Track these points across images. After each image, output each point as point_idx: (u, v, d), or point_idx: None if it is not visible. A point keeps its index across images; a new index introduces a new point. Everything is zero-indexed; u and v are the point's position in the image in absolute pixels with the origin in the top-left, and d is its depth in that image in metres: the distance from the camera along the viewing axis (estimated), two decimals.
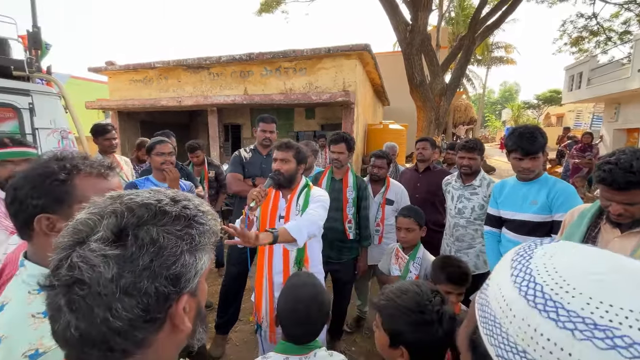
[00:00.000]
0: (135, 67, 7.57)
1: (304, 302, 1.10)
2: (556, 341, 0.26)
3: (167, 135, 2.83)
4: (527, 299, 0.28)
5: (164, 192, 0.48)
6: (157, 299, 0.42)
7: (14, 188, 0.70)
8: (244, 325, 2.97)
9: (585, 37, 12.28)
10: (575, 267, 0.28)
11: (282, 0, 11.04)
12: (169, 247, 0.43)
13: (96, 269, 0.39)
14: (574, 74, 10.58)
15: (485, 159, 13.21)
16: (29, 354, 0.59)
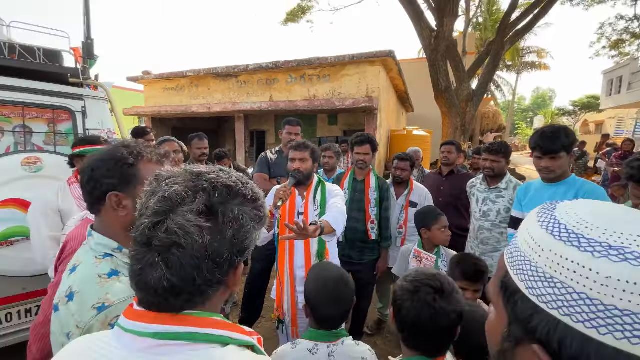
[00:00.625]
0: (169, 76, 8.05)
1: (332, 279, 1.16)
2: (579, 262, 0.31)
3: (200, 137, 3.02)
4: (553, 235, 0.34)
5: (234, 174, 0.56)
6: (229, 265, 0.51)
7: (91, 169, 0.82)
8: (266, 322, 3.05)
9: (626, 40, 11.59)
10: (593, 211, 0.34)
11: (308, 10, 11.34)
12: (245, 224, 0.52)
13: (192, 236, 0.48)
14: (612, 78, 10.00)
15: (515, 167, 12.67)
16: (97, 306, 0.70)
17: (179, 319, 0.49)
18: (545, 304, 0.33)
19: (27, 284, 2.03)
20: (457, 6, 7.84)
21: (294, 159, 1.91)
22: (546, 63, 24.24)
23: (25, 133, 2.19)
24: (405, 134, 8.01)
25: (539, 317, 0.34)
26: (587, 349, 0.30)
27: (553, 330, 0.32)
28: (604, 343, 0.29)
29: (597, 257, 0.31)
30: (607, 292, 0.30)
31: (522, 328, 0.35)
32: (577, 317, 0.31)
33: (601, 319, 0.29)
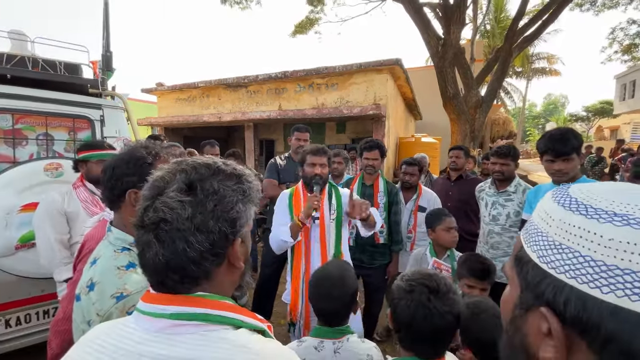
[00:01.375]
0: (181, 87, 8.30)
1: (329, 278, 1.17)
2: (585, 227, 0.34)
3: (212, 144, 3.13)
4: (564, 206, 0.37)
5: (216, 159, 0.60)
6: (220, 237, 0.53)
7: (112, 167, 0.88)
8: (275, 327, 3.04)
9: (638, 44, 11.42)
10: (603, 187, 0.38)
11: (316, 21, 11.58)
12: (227, 196, 0.54)
13: (175, 210, 0.51)
14: (626, 83, 9.82)
15: (527, 174, 12.46)
16: (116, 296, 0.75)
17: (193, 300, 0.52)
18: (554, 269, 0.36)
19: (46, 286, 2.11)
20: (464, 14, 7.90)
21: (314, 164, 1.87)
22: (557, 69, 23.94)
23: (48, 141, 2.30)
24: (413, 141, 8.01)
25: (547, 281, 0.36)
26: (590, 307, 0.32)
27: (560, 293, 0.35)
28: (606, 301, 0.31)
29: (602, 223, 0.33)
30: (609, 253, 0.32)
31: (533, 294, 0.38)
32: (582, 278, 0.33)
33: (604, 279, 0.32)
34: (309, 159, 1.90)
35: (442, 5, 8.05)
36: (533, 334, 0.38)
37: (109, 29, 2.72)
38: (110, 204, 0.90)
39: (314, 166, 1.87)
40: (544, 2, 9.09)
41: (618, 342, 0.31)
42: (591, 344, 0.33)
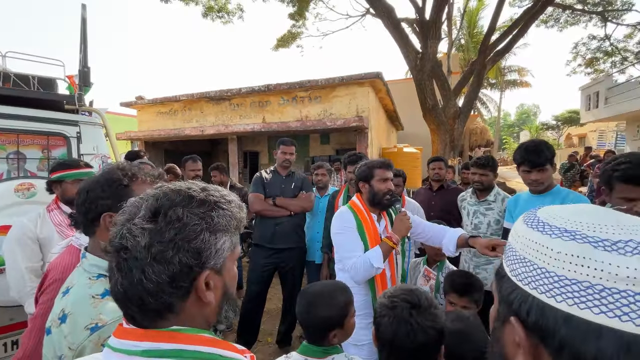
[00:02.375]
0: (162, 101, 8.17)
1: (313, 291, 1.16)
2: (540, 241, 0.38)
3: (194, 159, 3.06)
4: (526, 224, 0.41)
5: (198, 183, 0.58)
6: (182, 269, 0.50)
7: (86, 190, 0.85)
8: (262, 346, 2.97)
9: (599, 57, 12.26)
10: (566, 209, 0.42)
11: (298, 35, 11.78)
12: (191, 224, 0.51)
13: (136, 238, 0.49)
14: (590, 94, 10.49)
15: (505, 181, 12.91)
16: (90, 327, 0.71)
17: (167, 336, 0.49)
18: (520, 281, 0.39)
19: (16, 314, 1.97)
20: (439, 30, 8.25)
21: (387, 178, 1.67)
22: (527, 81, 25.31)
23: (19, 159, 2.19)
24: (396, 151, 8.16)
25: (515, 292, 0.39)
26: (547, 315, 0.35)
27: (524, 303, 0.37)
28: (560, 309, 0.34)
29: (553, 238, 0.37)
30: (559, 265, 0.35)
31: (506, 306, 0.41)
32: (541, 288, 0.36)
33: (557, 289, 0.35)
34: (379, 174, 1.67)
35: (419, 21, 8.41)
36: (509, 344, 0.40)
37: (86, 42, 2.66)
38: (85, 229, 0.87)
39: (386, 181, 1.66)
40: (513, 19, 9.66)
41: (570, 348, 0.33)
42: (549, 350, 0.35)
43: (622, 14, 10.40)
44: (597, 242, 0.34)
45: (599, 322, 0.32)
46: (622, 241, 0.33)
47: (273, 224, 2.64)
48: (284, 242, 2.63)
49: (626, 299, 0.31)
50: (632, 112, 8.49)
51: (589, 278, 0.33)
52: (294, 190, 2.74)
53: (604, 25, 10.93)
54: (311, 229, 2.98)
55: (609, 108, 9.39)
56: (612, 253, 0.33)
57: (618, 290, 0.32)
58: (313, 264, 2.93)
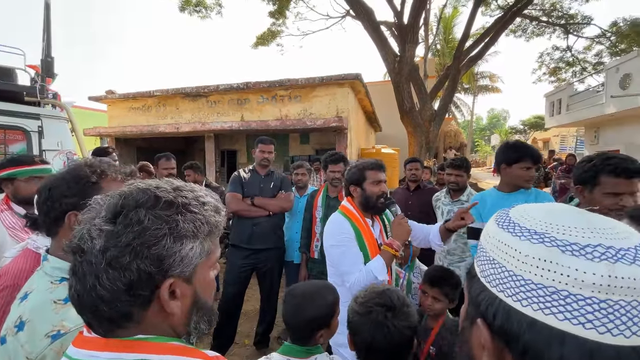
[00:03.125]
0: (135, 96, 7.82)
1: (298, 292, 1.15)
2: (509, 243, 0.37)
3: (167, 157, 2.95)
4: (498, 224, 0.40)
5: (172, 182, 0.53)
6: (140, 276, 0.45)
7: (48, 188, 0.78)
8: (239, 348, 2.91)
9: (562, 67, 13.11)
10: (538, 207, 0.41)
11: (277, 34, 11.67)
12: (152, 228, 0.46)
13: (93, 240, 0.46)
14: (553, 101, 11.19)
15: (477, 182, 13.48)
16: (52, 334, 0.66)
17: (131, 345, 0.46)
18: (489, 282, 0.38)
19: None
20: (417, 34, 8.48)
21: (380, 180, 1.57)
22: (498, 87, 26.58)
23: None
24: (374, 152, 8.30)
25: (483, 294, 0.38)
26: (512, 319, 0.34)
27: (491, 305, 0.37)
28: (525, 314, 0.33)
29: (522, 240, 0.36)
30: (526, 269, 0.34)
31: (474, 307, 0.40)
32: (507, 292, 0.36)
33: (523, 293, 0.34)
34: (372, 176, 1.56)
35: (398, 24, 8.60)
36: (476, 346, 0.39)
37: (50, 30, 2.48)
38: (47, 230, 0.80)
39: (379, 184, 1.56)
40: (485, 27, 10.11)
41: (533, 353, 0.32)
42: (514, 354, 0.34)
43: (582, 27, 11.17)
44: (565, 245, 0.33)
45: (563, 329, 0.31)
46: (591, 245, 0.33)
47: (251, 224, 2.59)
48: (262, 243, 2.59)
49: (591, 306, 0.31)
50: (590, 119, 9.15)
51: (554, 283, 0.32)
52: (272, 189, 2.70)
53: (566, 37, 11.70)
54: (290, 229, 2.96)
55: (570, 114, 10.07)
56: (580, 258, 0.32)
57: (583, 297, 0.31)
58: (292, 264, 2.91)
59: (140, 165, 3.58)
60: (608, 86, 8.19)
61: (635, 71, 7.21)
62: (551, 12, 10.74)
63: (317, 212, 2.62)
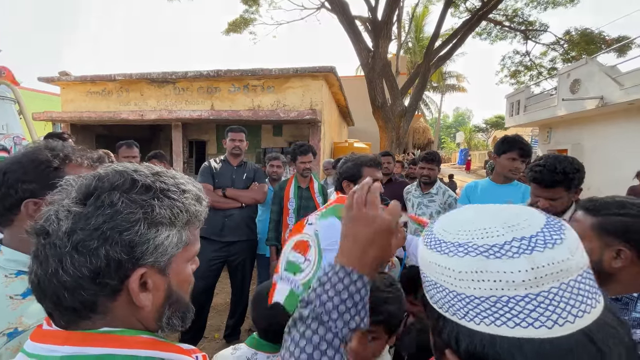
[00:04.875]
0: (93, 79, 7.23)
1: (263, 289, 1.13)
2: (442, 264, 0.36)
3: (129, 144, 2.76)
4: (426, 245, 0.39)
5: (152, 166, 0.50)
6: (108, 263, 0.42)
7: (3, 172, 0.70)
8: (209, 342, 2.85)
9: (521, 70, 14.02)
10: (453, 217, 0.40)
11: (250, 22, 11.32)
12: (125, 212, 0.43)
13: (60, 222, 0.42)
14: (513, 102, 11.97)
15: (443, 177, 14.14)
16: (7, 332, 0.60)
17: (95, 338, 0.43)
18: (440, 308, 0.36)
19: None
20: (390, 30, 8.62)
21: (378, 179, 1.46)
22: (464, 86, 27.90)
23: None
24: (347, 146, 8.38)
25: (441, 321, 0.36)
26: (474, 340, 0.32)
27: (451, 332, 0.35)
28: (481, 332, 0.32)
29: (451, 257, 0.35)
30: (464, 285, 0.33)
31: (438, 336, 0.38)
32: (459, 313, 0.34)
33: (471, 311, 0.33)
34: (368, 173, 1.48)
35: (372, 20, 8.68)
36: None
37: None
38: (1, 219, 0.72)
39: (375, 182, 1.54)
40: (454, 28, 10.52)
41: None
42: None
43: (540, 34, 11.99)
44: (487, 250, 0.33)
45: (517, 336, 0.30)
46: (507, 242, 0.32)
47: (222, 216, 2.52)
48: (234, 235, 2.54)
49: (530, 303, 0.30)
50: (543, 120, 9.91)
51: (492, 292, 0.32)
52: (245, 181, 2.64)
53: (525, 43, 12.50)
54: (263, 221, 2.91)
55: (527, 115, 10.84)
56: (502, 259, 0.32)
57: (521, 296, 0.31)
58: (264, 257, 2.88)
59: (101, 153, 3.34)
60: (560, 90, 8.90)
61: (584, 77, 7.89)
62: (513, 18, 11.40)
63: (290, 203, 2.60)
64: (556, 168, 1.33)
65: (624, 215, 0.86)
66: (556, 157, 1.39)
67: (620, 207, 0.88)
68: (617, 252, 0.85)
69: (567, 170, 1.32)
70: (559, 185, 1.34)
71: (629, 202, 0.89)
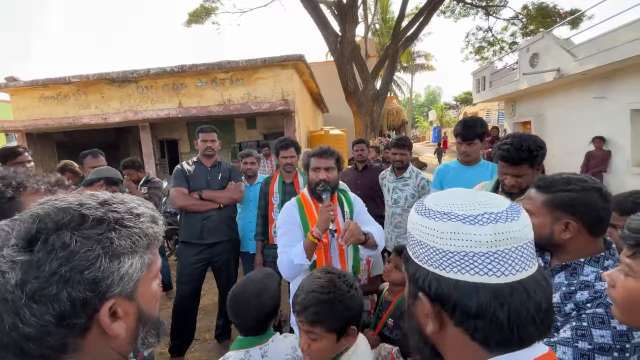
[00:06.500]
0: (46, 83, 6.73)
1: (243, 293, 1.15)
2: (427, 224, 0.47)
3: (94, 154, 2.63)
4: (417, 212, 0.50)
5: (97, 195, 0.48)
6: (73, 305, 0.41)
7: None
8: (201, 344, 2.86)
9: (484, 47, 14.40)
10: (446, 194, 0.50)
11: (212, 11, 10.84)
12: (82, 251, 0.42)
13: (5, 275, 0.39)
14: (479, 78, 12.30)
15: (418, 156, 14.50)
16: None
17: None
18: (420, 261, 0.47)
19: None
20: (356, 14, 8.55)
21: (319, 167, 1.59)
22: (432, 65, 28.33)
23: None
24: (323, 134, 8.39)
25: (418, 272, 0.47)
26: (442, 285, 0.44)
27: (426, 279, 0.46)
28: (449, 277, 0.44)
29: (436, 221, 0.45)
30: (442, 242, 0.44)
31: (414, 284, 0.48)
32: (435, 264, 0.45)
33: (444, 261, 0.44)
34: (312, 162, 1.62)
35: (337, 4, 8.55)
36: (421, 316, 0.48)
37: None
38: None
39: (318, 170, 1.58)
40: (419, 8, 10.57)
41: (460, 306, 0.42)
42: (448, 312, 0.44)
43: (500, 9, 12.30)
44: (464, 218, 0.44)
45: (475, 281, 0.42)
46: (480, 214, 0.44)
47: (201, 219, 2.49)
48: (214, 236, 2.52)
49: (488, 258, 0.42)
50: (508, 94, 10.29)
51: (463, 248, 0.43)
52: (221, 181, 2.61)
53: (487, 19, 12.81)
54: (243, 219, 2.91)
55: (493, 90, 11.21)
56: (475, 225, 0.43)
57: (483, 252, 0.42)
58: (248, 254, 2.89)
59: (63, 165, 3.17)
60: (521, 64, 9.24)
61: (542, 50, 8.22)
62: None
63: (274, 198, 2.61)
64: (522, 146, 1.41)
65: (570, 191, 0.94)
66: (521, 135, 1.48)
67: (566, 183, 0.96)
68: (566, 224, 0.94)
69: (532, 148, 1.41)
70: (524, 162, 1.42)
71: (574, 179, 0.97)
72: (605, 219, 0.94)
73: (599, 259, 0.93)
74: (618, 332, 0.80)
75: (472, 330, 0.43)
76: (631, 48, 5.47)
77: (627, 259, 0.70)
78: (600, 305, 0.85)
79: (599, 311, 0.84)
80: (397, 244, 2.57)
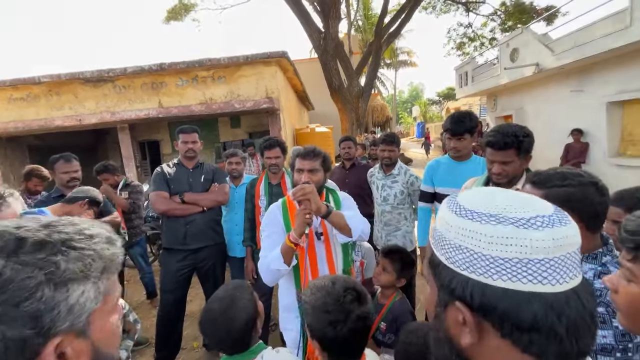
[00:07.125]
0: (14, 83, 6.34)
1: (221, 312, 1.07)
2: (472, 228, 0.42)
3: (66, 158, 2.46)
4: (456, 214, 0.44)
5: (40, 219, 0.42)
6: (7, 347, 0.35)
7: None
8: (187, 352, 2.76)
9: (465, 42, 14.64)
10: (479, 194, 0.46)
11: (191, 7, 10.54)
12: (18, 280, 0.36)
13: None
14: (461, 73, 12.49)
15: (403, 152, 14.64)
16: None
17: None
18: (458, 267, 0.43)
19: None
20: (338, 9, 8.49)
21: (302, 169, 1.53)
22: (415, 61, 28.65)
23: None
24: (309, 132, 8.31)
25: (456, 279, 0.43)
26: (488, 294, 0.40)
27: (466, 287, 0.41)
28: (497, 286, 0.39)
29: (483, 224, 0.41)
30: (490, 248, 0.40)
31: (447, 292, 0.44)
32: (478, 271, 0.41)
33: (492, 269, 0.40)
34: (297, 163, 1.57)
35: None
36: (453, 325, 0.44)
37: None
38: None
39: (301, 172, 1.53)
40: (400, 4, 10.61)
41: (510, 317, 0.38)
42: (494, 324, 0.40)
43: (479, 5, 12.52)
44: (517, 221, 0.40)
45: (528, 290, 0.38)
46: (533, 217, 0.40)
47: (183, 223, 2.38)
48: (198, 241, 2.41)
49: (544, 265, 0.38)
50: (489, 89, 10.50)
51: (516, 254, 0.39)
52: (204, 183, 2.50)
53: (467, 15, 13.01)
54: (229, 222, 2.81)
55: (475, 85, 11.41)
56: (529, 229, 0.39)
57: (538, 259, 0.38)
58: (235, 259, 2.79)
59: (29, 170, 2.97)
60: (501, 59, 9.43)
61: (521, 46, 8.40)
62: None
63: (261, 200, 2.52)
64: (508, 131, 1.43)
65: (567, 187, 0.92)
66: (508, 123, 1.51)
67: (562, 179, 0.94)
68: None
69: (518, 133, 1.42)
70: (510, 147, 1.42)
71: (569, 174, 0.95)
72: (602, 213, 0.92)
73: (597, 255, 0.91)
74: (620, 332, 0.78)
75: (525, 343, 0.39)
76: (606, 42, 5.65)
77: (627, 263, 0.67)
78: (600, 304, 0.83)
79: (600, 310, 0.82)
80: (387, 242, 2.54)
